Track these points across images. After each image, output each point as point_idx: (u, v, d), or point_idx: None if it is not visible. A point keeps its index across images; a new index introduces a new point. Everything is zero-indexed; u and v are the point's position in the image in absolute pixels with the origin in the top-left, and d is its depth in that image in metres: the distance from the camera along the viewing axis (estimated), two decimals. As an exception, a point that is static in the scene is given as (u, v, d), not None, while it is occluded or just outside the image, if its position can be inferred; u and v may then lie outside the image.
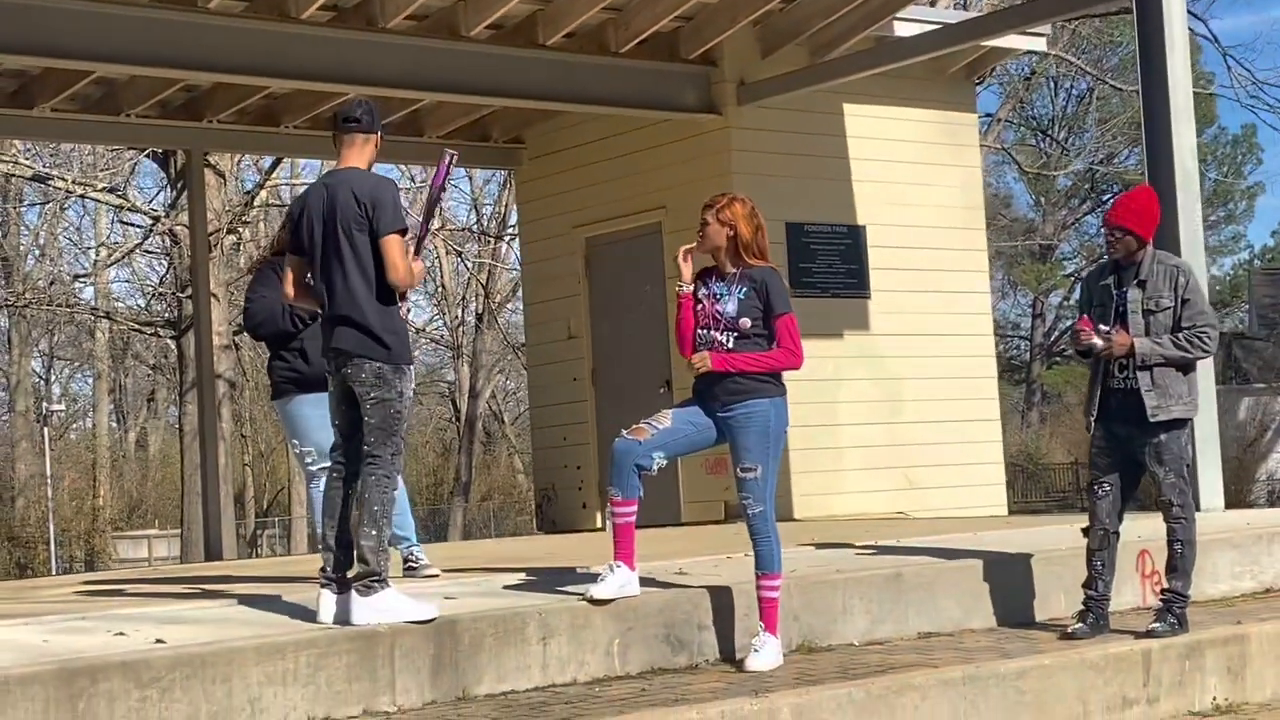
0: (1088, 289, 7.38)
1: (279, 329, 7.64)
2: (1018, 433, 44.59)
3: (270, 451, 39.98)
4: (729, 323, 6.49)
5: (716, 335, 6.50)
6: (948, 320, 13.58)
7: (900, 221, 13.39)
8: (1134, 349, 7.00)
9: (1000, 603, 7.72)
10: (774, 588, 6.53)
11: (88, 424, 43.36)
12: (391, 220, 6.17)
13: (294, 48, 11.19)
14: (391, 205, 6.18)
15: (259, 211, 27.32)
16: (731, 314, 6.48)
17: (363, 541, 6.13)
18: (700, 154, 12.84)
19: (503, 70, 12.05)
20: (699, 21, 12.51)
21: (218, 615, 6.47)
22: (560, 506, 14.08)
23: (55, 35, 10.34)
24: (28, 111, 12.50)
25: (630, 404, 13.31)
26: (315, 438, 7.45)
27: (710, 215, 6.55)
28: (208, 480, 13.19)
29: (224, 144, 15.69)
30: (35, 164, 25.02)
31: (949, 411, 13.46)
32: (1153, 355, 7.03)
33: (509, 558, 9.07)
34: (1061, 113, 46.42)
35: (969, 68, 14.08)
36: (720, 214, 6.54)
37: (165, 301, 26.99)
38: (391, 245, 6.16)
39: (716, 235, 6.54)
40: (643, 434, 6.50)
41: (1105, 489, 7.20)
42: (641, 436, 6.50)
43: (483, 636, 6.19)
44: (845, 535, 9.36)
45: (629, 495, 6.49)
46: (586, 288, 13.95)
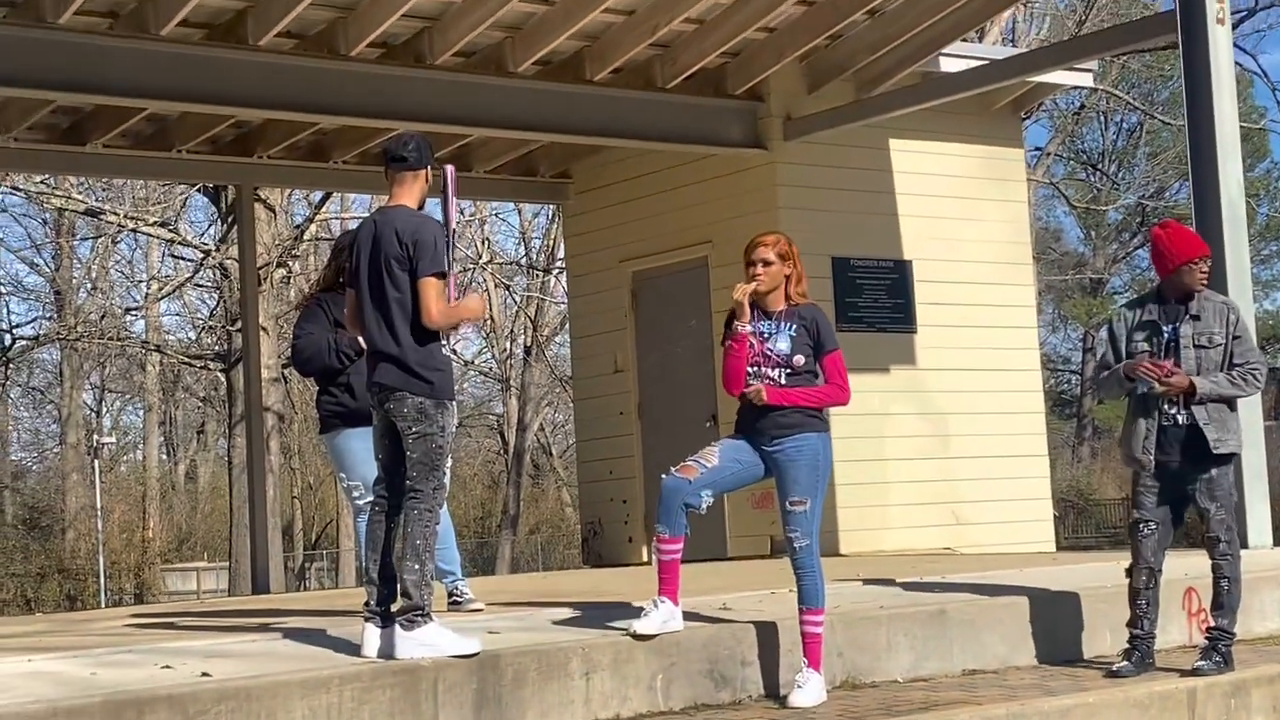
0: (1125, 323, 7.29)
1: (325, 365, 7.69)
2: (1068, 468, 44.30)
3: (319, 484, 40.14)
4: (782, 360, 6.53)
5: (768, 372, 6.52)
6: (995, 355, 13.53)
7: (947, 256, 13.37)
8: (1194, 387, 6.98)
9: (1046, 640, 7.68)
10: (818, 623, 6.53)
11: (138, 456, 43.66)
12: (430, 263, 6.20)
13: (343, 84, 11.29)
14: (432, 247, 6.21)
15: (309, 245, 27.53)
16: (785, 351, 6.53)
17: (406, 576, 6.16)
18: (746, 189, 12.87)
19: (550, 106, 12.12)
20: (745, 57, 12.56)
21: (263, 649, 6.51)
22: (606, 540, 14.09)
23: (108, 73, 10.47)
24: (80, 148, 12.65)
25: (676, 438, 13.33)
26: (361, 471, 7.49)
27: (772, 254, 6.57)
28: (255, 513, 13.26)
29: (274, 179, 15.83)
30: (88, 198, 25.32)
31: (996, 447, 13.40)
32: (1212, 393, 7.02)
33: (553, 592, 9.08)
34: (1111, 146, 46.24)
35: (1015, 103, 14.07)
36: (781, 252, 6.57)
37: (215, 335, 27.21)
38: (427, 288, 6.20)
39: (778, 274, 6.58)
40: (692, 472, 6.51)
41: (1151, 527, 7.15)
42: (691, 475, 6.51)
43: (526, 671, 6.20)
44: (891, 571, 9.32)
45: (676, 533, 6.51)
46: (633, 322, 13.99)
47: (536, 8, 11.36)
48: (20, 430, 42.01)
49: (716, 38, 12.01)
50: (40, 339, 30.91)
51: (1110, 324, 7.36)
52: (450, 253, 6.44)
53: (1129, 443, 7.17)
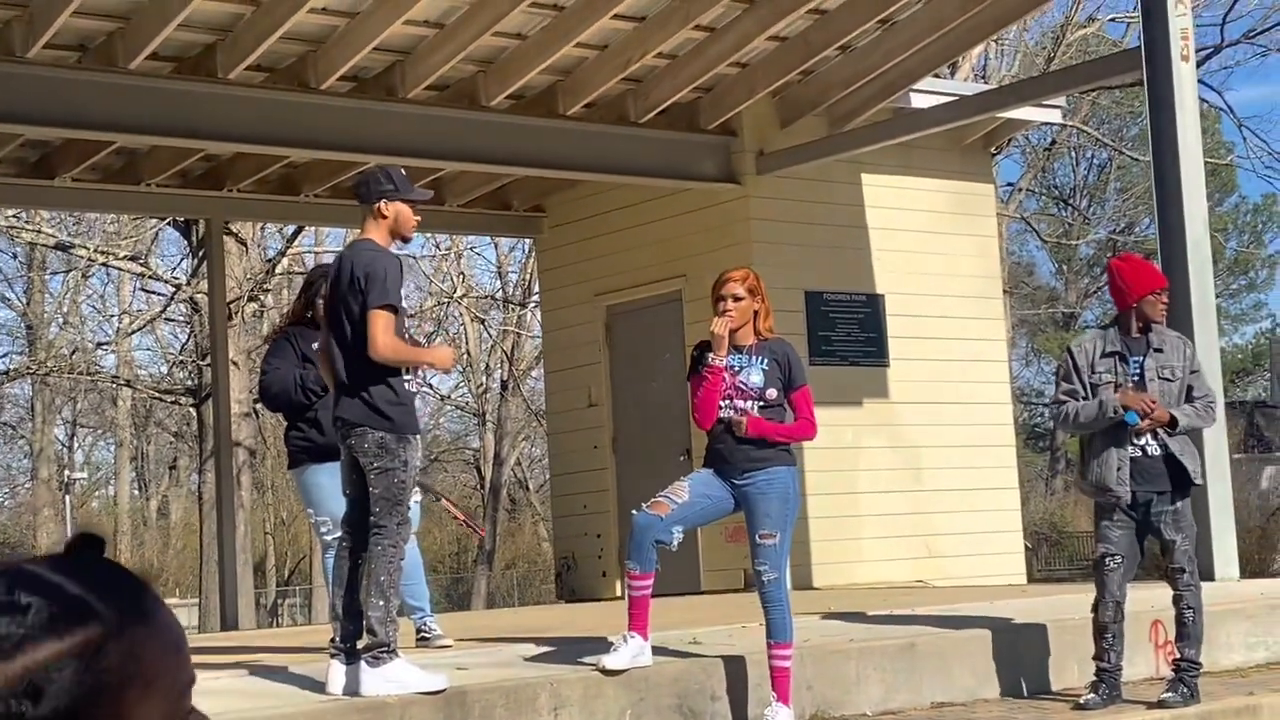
0: (1085, 354, 7.26)
1: (291, 400, 7.67)
2: (1042, 500, 44.34)
3: (291, 519, 39.96)
4: (755, 393, 6.53)
5: (741, 405, 6.53)
6: (966, 388, 13.57)
7: (918, 290, 13.41)
8: (1174, 419, 7.01)
9: (1014, 672, 7.68)
10: (786, 656, 6.51)
11: (110, 492, 43.44)
12: (378, 295, 6.17)
13: (314, 117, 11.28)
14: (381, 280, 6.19)
15: (281, 279, 27.47)
16: (758, 385, 6.54)
17: (371, 612, 6.13)
18: (720, 223, 12.89)
19: (523, 140, 12.14)
20: (718, 92, 12.61)
21: (228, 686, 6.46)
22: (580, 575, 14.05)
23: (76, 106, 10.45)
24: (49, 182, 12.62)
25: (650, 472, 13.31)
26: (329, 506, 7.45)
27: (742, 289, 6.58)
28: (225, 548, 13.19)
29: (244, 213, 15.80)
30: (59, 232, 25.23)
31: (968, 479, 13.43)
32: (1187, 425, 7.07)
33: (525, 627, 9.04)
34: (1083, 182, 46.49)
35: (986, 138, 14.14)
36: (750, 286, 6.59)
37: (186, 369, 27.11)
38: (375, 320, 6.17)
39: (747, 309, 6.59)
40: (663, 509, 6.50)
41: (1118, 561, 7.14)
42: (662, 511, 6.49)
43: (493, 707, 6.17)
44: (863, 604, 9.31)
45: (647, 569, 6.50)
46: (607, 355, 13.99)
47: (509, 42, 11.39)
48: (-9, 466, 41.76)
49: (689, 73, 12.05)
50: (11, 374, 30.74)
51: (1070, 356, 7.34)
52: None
53: (1100, 474, 7.14)
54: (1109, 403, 7.06)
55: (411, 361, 6.48)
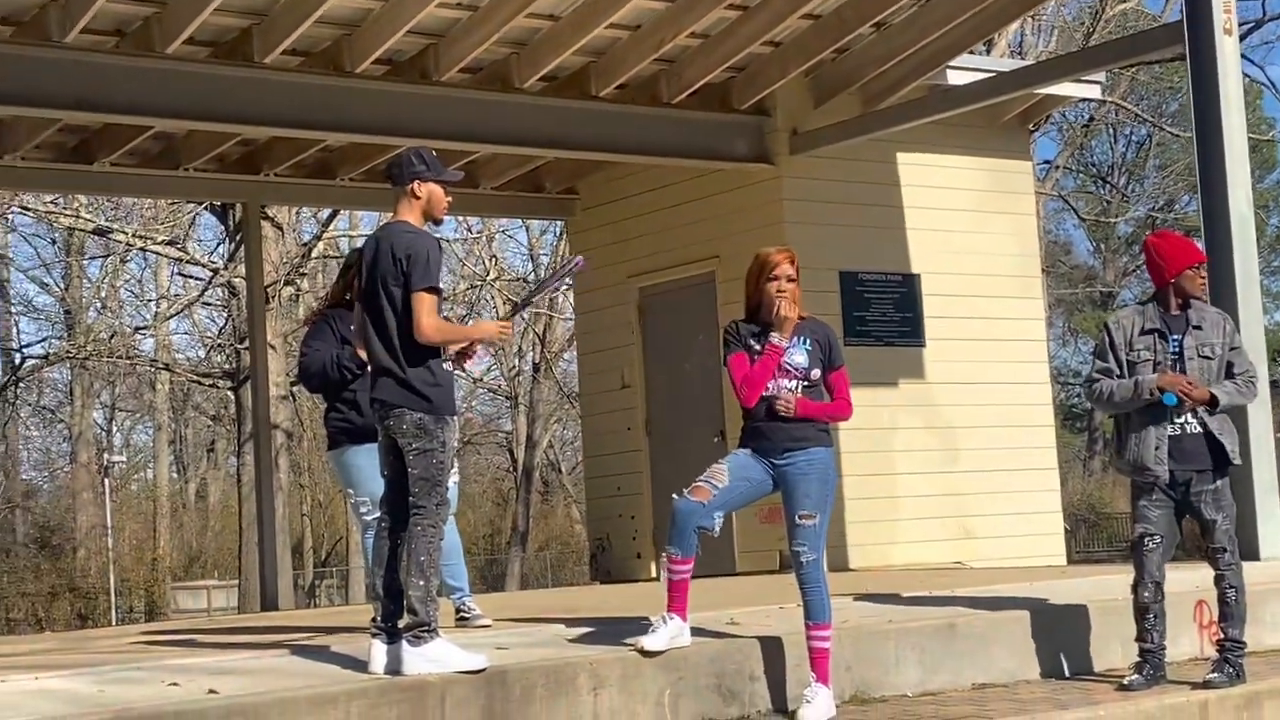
0: (1123, 331, 7.21)
1: (328, 380, 7.69)
2: (1080, 481, 44.19)
3: (329, 501, 40.12)
4: (800, 373, 6.53)
5: (786, 384, 6.51)
6: (1004, 368, 13.51)
7: (955, 270, 13.35)
8: (1214, 398, 6.96)
9: (1056, 653, 7.65)
10: (825, 638, 6.51)
11: (148, 475, 43.66)
12: (422, 276, 6.18)
13: (349, 101, 11.29)
14: (424, 262, 6.19)
15: (317, 263, 27.55)
16: (803, 365, 6.54)
17: (411, 592, 6.14)
18: (753, 204, 12.86)
19: (556, 122, 12.13)
20: (751, 72, 12.56)
21: (270, 666, 6.49)
22: (615, 556, 14.06)
23: (114, 92, 10.48)
24: (88, 167, 12.67)
25: (684, 454, 13.32)
26: (369, 487, 7.47)
27: (793, 269, 6.57)
28: (264, 531, 13.24)
29: (281, 197, 15.83)
30: (97, 218, 25.37)
31: (1006, 460, 13.36)
32: (1227, 403, 7.02)
33: (561, 608, 9.06)
34: (1121, 159, 46.18)
35: (1023, 115, 14.05)
36: (797, 266, 6.59)
37: (224, 353, 27.23)
38: (419, 302, 6.18)
39: (797, 290, 6.58)
40: (704, 494, 6.49)
41: (1156, 541, 7.10)
42: (704, 498, 6.48)
43: (534, 687, 6.18)
44: (900, 585, 9.29)
45: (688, 555, 6.51)
46: (640, 337, 13.98)
47: (542, 24, 11.37)
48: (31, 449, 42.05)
49: (722, 52, 12.01)
50: (50, 358, 30.95)
51: (1107, 332, 7.27)
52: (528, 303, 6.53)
53: (1138, 453, 7.10)
54: (1145, 384, 7.01)
55: (458, 340, 6.50)
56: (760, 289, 6.58)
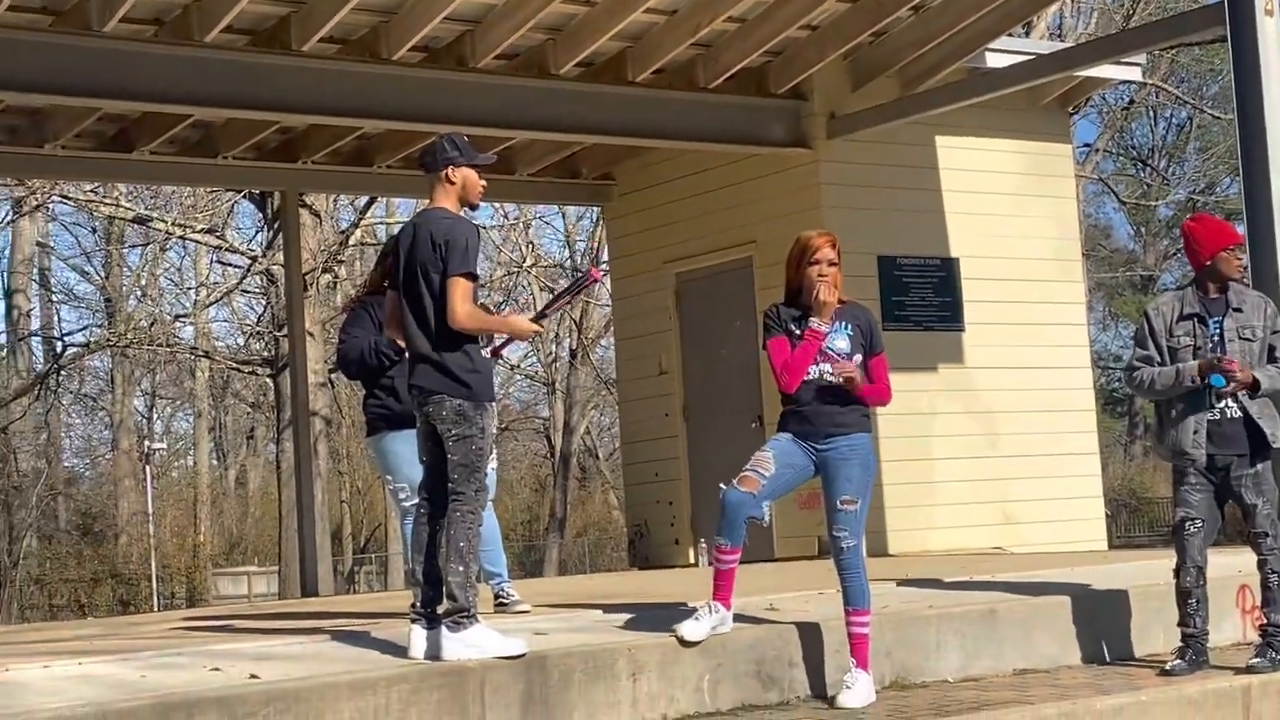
0: (1163, 317, 7.17)
1: (366, 366, 7.71)
2: (1120, 466, 43.98)
3: (367, 488, 40.26)
4: (842, 358, 6.50)
5: (826, 367, 6.49)
6: (1044, 353, 13.43)
7: (994, 253, 13.28)
8: (1257, 382, 6.90)
9: (1098, 639, 7.62)
10: (864, 623, 6.50)
11: (189, 462, 43.93)
12: (459, 263, 6.18)
13: (386, 88, 11.31)
14: (462, 248, 6.20)
15: (354, 251, 27.63)
16: (845, 350, 6.52)
17: (450, 578, 6.16)
18: (790, 188, 12.81)
19: (592, 107, 12.11)
20: (788, 55, 12.52)
21: (311, 651, 6.52)
22: (653, 542, 14.06)
23: (153, 80, 10.52)
24: (127, 155, 12.73)
25: (722, 439, 13.32)
26: (406, 473, 7.49)
27: (835, 253, 6.54)
28: (304, 517, 13.29)
29: (318, 184, 15.87)
30: (137, 206, 25.50)
31: (1046, 445, 13.30)
32: (1269, 387, 6.97)
33: (600, 594, 9.06)
34: (1161, 142, 45.86)
35: (1063, 98, 13.96)
36: (838, 250, 6.57)
37: (263, 340, 27.35)
38: (454, 287, 6.18)
39: (839, 274, 6.56)
40: (754, 485, 6.46)
41: (1198, 525, 7.07)
42: (754, 488, 6.46)
43: (572, 672, 6.19)
44: (940, 571, 9.26)
45: (737, 544, 6.49)
46: (677, 323, 13.96)
47: (578, 9, 11.35)
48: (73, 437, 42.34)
49: (759, 36, 11.97)
50: (91, 346, 31.14)
51: (1147, 318, 7.24)
52: (544, 316, 6.68)
53: (1177, 438, 7.06)
54: (1186, 371, 6.97)
55: (491, 329, 6.50)
56: (801, 273, 6.56)
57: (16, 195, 26.58)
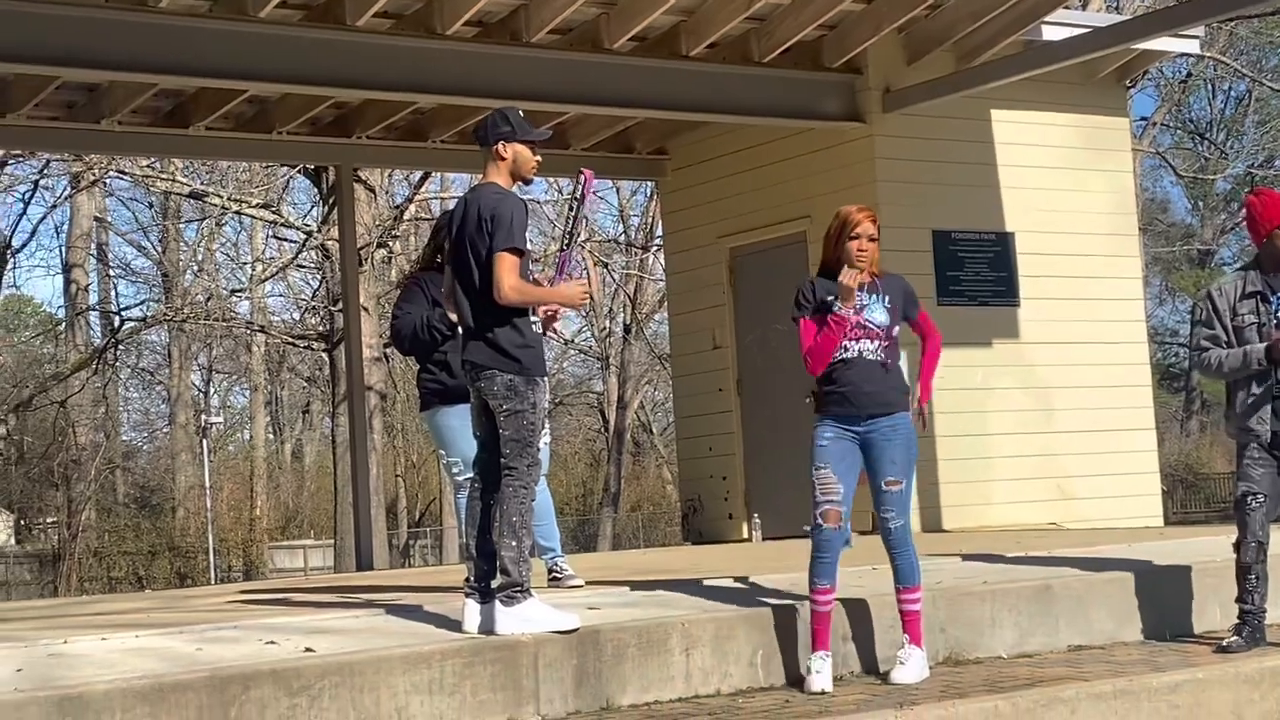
0: (1226, 297, 7.10)
1: (420, 342, 7.73)
2: (1177, 442, 43.67)
3: (422, 462, 40.49)
4: (881, 331, 6.43)
5: (867, 344, 6.41)
6: (1100, 328, 13.32)
7: (1050, 228, 13.19)
8: None
9: (1154, 615, 7.56)
10: (916, 599, 6.46)
11: (245, 436, 44.28)
12: (504, 238, 6.18)
13: (440, 63, 11.32)
14: (508, 223, 6.19)
15: (409, 226, 27.71)
16: (884, 323, 6.44)
17: (504, 553, 6.17)
18: (845, 163, 12.75)
19: (646, 82, 12.08)
20: (843, 29, 12.44)
21: (366, 625, 6.56)
22: (706, 517, 14.06)
23: (209, 56, 10.58)
24: (183, 130, 12.80)
25: (776, 414, 13.29)
26: (460, 448, 7.52)
27: (875, 229, 6.44)
28: (359, 491, 13.36)
29: (373, 159, 15.91)
30: (193, 181, 25.66)
31: (1102, 420, 13.21)
32: None
33: (653, 568, 9.07)
34: (1219, 115, 45.39)
35: (1120, 71, 13.82)
36: (878, 225, 6.48)
37: (318, 315, 27.49)
38: (499, 262, 6.17)
39: (877, 249, 6.47)
40: (837, 517, 6.36)
41: (1260, 500, 7.00)
42: (838, 521, 6.36)
43: (626, 647, 6.20)
44: (995, 546, 9.22)
45: (834, 583, 6.41)
46: (731, 298, 13.93)
47: (632, -17, 11.32)
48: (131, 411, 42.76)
49: (813, 10, 11.89)
50: (149, 320, 31.40)
51: (1210, 299, 7.17)
52: (570, 257, 6.54)
53: (1242, 414, 7.01)
54: (1253, 354, 6.91)
55: (538, 301, 6.47)
56: (840, 247, 6.44)
57: (74, 170, 26.80)
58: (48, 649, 6.08)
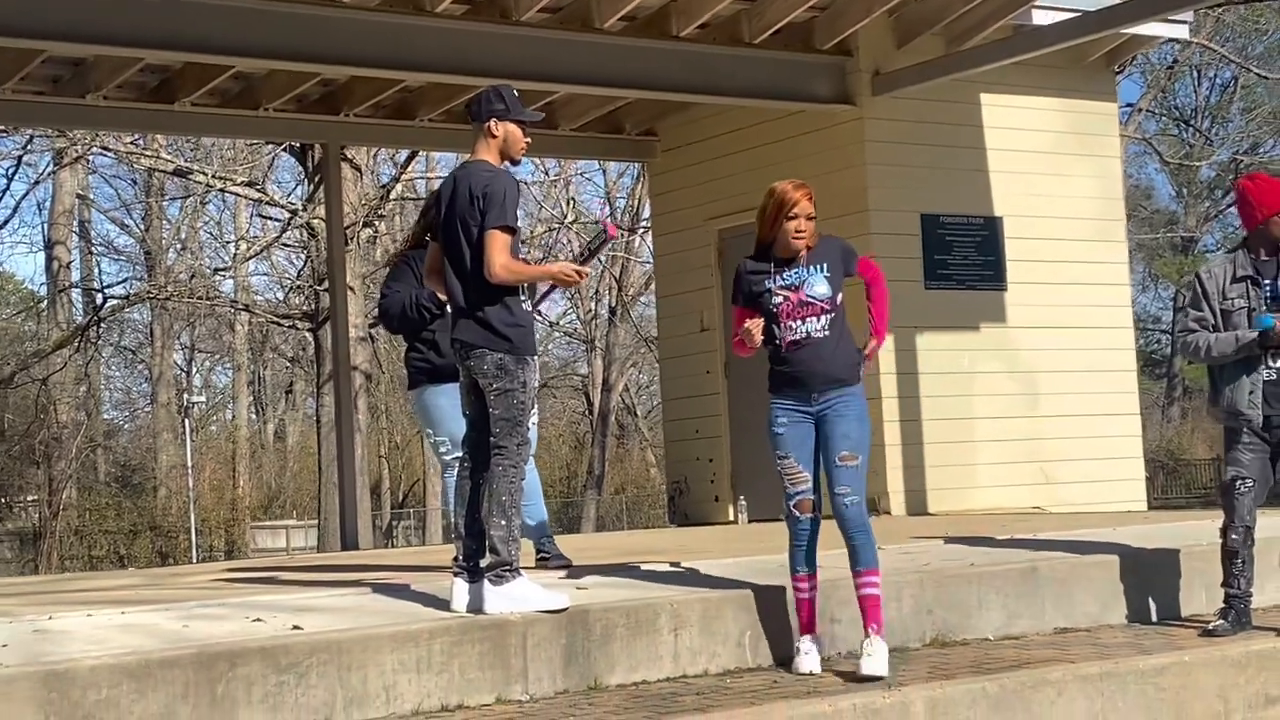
0: (1215, 280, 7.09)
1: (407, 320, 7.70)
2: (1158, 428, 43.77)
3: (406, 443, 40.45)
4: (825, 303, 6.22)
5: (813, 321, 6.21)
6: (1086, 313, 13.34)
7: (1038, 213, 13.19)
8: None
9: (1139, 599, 7.58)
10: (877, 583, 6.26)
11: (227, 416, 44.17)
12: (497, 215, 6.14)
13: (428, 41, 11.26)
14: (500, 200, 6.15)
15: (394, 205, 27.63)
16: (826, 294, 6.21)
17: (493, 532, 6.16)
18: (834, 145, 12.73)
19: (636, 62, 12.03)
20: (833, 11, 12.41)
21: (353, 603, 6.54)
22: (692, 499, 14.06)
23: (196, 31, 10.51)
24: (169, 107, 12.72)
25: (763, 397, 13.21)
26: (448, 427, 7.50)
27: (812, 207, 6.23)
28: (345, 472, 13.32)
29: (360, 137, 15.84)
30: (177, 158, 25.55)
31: (1087, 405, 13.23)
32: None
33: (640, 550, 9.07)
34: (1205, 102, 45.46)
35: (1109, 56, 13.82)
36: (813, 202, 6.27)
37: (303, 294, 27.42)
38: (491, 240, 6.14)
39: (814, 228, 6.28)
40: (808, 505, 6.27)
41: (1249, 484, 7.01)
42: (809, 509, 6.28)
43: (614, 627, 6.19)
44: (981, 529, 9.24)
45: (815, 571, 6.37)
46: (719, 280, 13.90)
47: (622, -38, 11.28)
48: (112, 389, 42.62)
49: (804, -9, 11.87)
50: (132, 298, 31.28)
51: (1199, 282, 7.17)
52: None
53: (1231, 398, 7.00)
54: (1245, 339, 6.91)
55: (530, 279, 6.46)
56: (778, 227, 6.26)
57: (57, 146, 26.67)
58: (33, 625, 6.05)
